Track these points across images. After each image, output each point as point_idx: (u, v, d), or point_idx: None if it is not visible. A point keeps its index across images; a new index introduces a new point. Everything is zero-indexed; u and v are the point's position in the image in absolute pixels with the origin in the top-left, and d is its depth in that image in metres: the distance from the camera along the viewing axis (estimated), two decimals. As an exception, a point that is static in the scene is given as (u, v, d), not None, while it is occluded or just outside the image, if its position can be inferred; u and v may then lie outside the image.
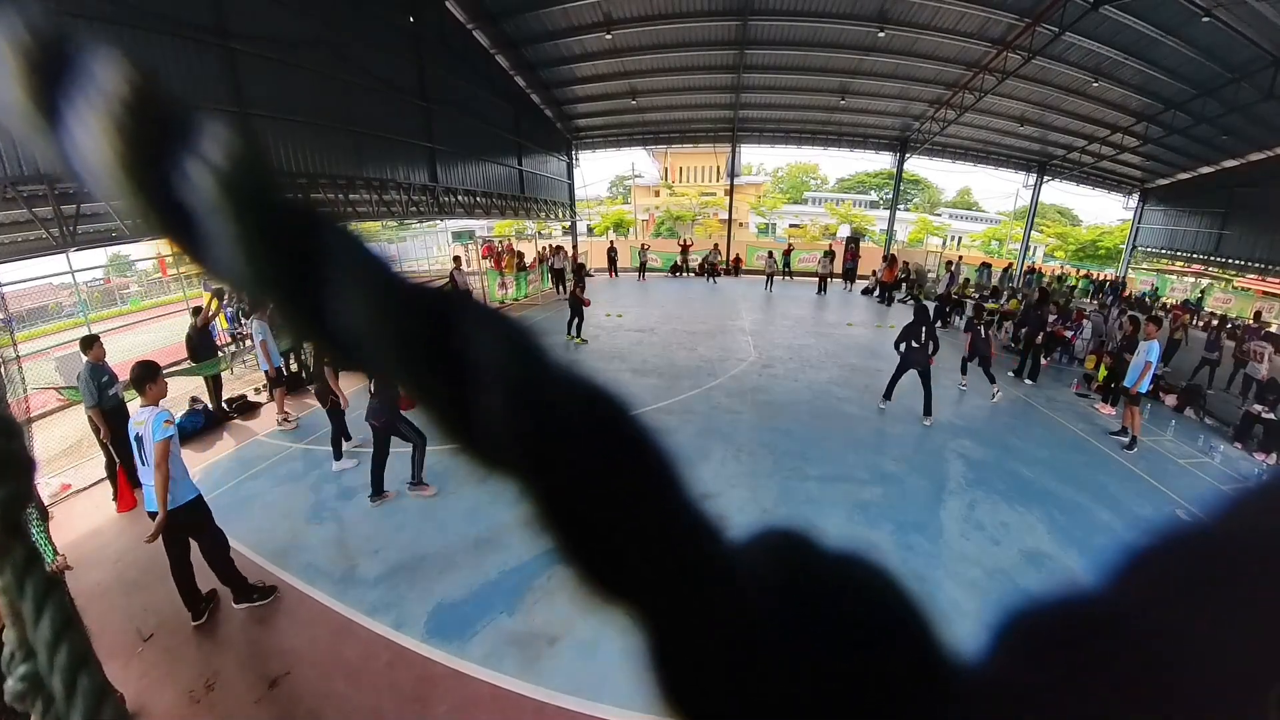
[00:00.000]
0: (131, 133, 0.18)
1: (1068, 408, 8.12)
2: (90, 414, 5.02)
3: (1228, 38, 10.91)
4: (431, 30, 12.44)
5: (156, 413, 3.25)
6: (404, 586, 3.80)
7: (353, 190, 10.82)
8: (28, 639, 0.24)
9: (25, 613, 0.23)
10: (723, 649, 0.17)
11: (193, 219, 0.18)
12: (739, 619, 0.17)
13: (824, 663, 0.17)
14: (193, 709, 2.93)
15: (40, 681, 0.25)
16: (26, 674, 0.28)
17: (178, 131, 0.18)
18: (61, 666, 0.24)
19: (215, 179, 0.17)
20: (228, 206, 0.17)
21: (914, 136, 20.24)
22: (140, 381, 3.29)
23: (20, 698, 0.29)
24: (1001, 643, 0.20)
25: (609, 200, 45.80)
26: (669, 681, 0.17)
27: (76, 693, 0.24)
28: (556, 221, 23.29)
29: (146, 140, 0.18)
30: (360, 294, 0.18)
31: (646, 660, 0.17)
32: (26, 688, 0.29)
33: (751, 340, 10.94)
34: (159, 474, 3.18)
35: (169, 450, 3.22)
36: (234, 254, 0.17)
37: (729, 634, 0.17)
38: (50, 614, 0.24)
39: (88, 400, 4.97)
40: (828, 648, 0.17)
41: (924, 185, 47.74)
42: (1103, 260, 35.01)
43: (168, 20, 7.29)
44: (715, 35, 14.65)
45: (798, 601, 0.18)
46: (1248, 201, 17.48)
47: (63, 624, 0.24)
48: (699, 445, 6.02)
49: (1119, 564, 0.20)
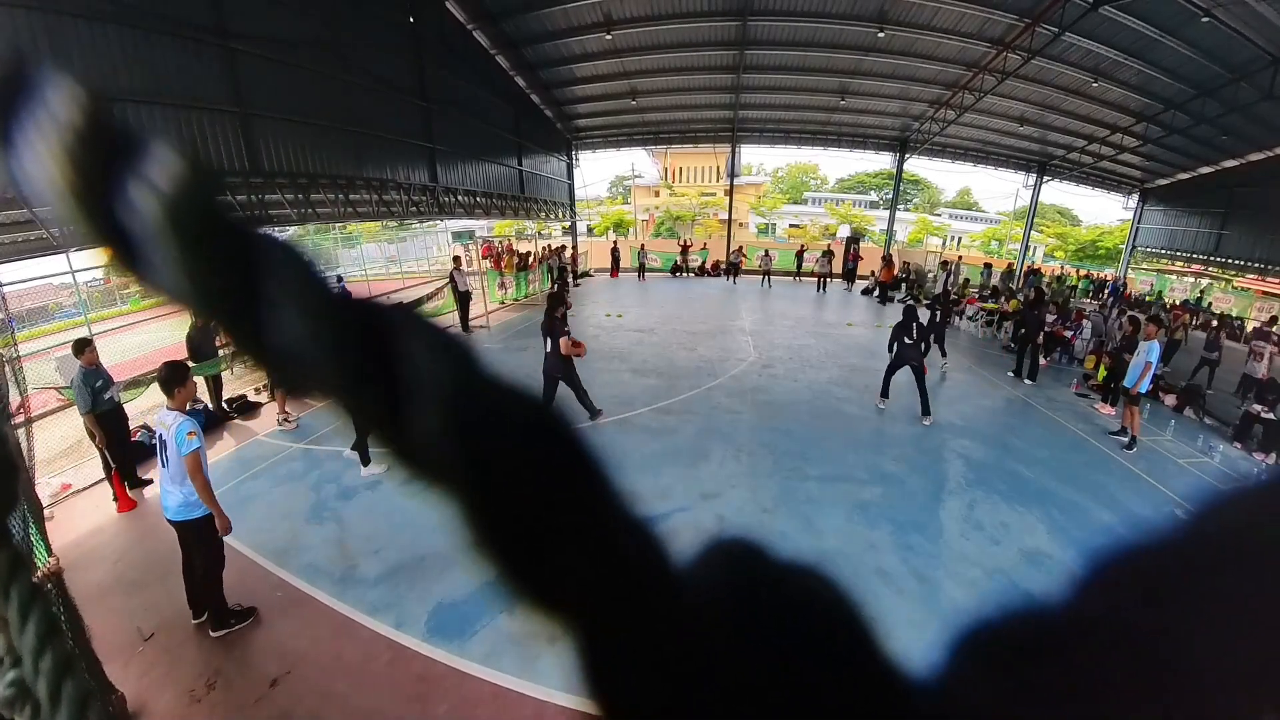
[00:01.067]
0: (75, 153, 0.18)
1: (1067, 408, 8.12)
2: (84, 420, 4.96)
3: (1227, 38, 10.91)
4: (431, 30, 12.44)
5: (180, 422, 3.16)
6: (404, 586, 3.80)
7: (353, 190, 10.81)
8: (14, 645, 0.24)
9: (10, 619, 0.23)
10: (661, 662, 0.17)
11: (131, 233, 0.18)
12: (680, 632, 0.17)
13: (767, 676, 0.17)
14: (193, 708, 2.93)
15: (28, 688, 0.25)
16: (14, 680, 0.28)
17: (120, 151, 0.18)
18: (46, 673, 0.24)
19: (154, 197, 0.17)
20: (165, 224, 0.17)
21: (914, 137, 20.24)
22: (168, 384, 3.20)
23: (8, 704, 0.29)
24: (956, 657, 0.20)
25: (609, 200, 45.81)
26: (603, 694, 0.17)
27: (62, 700, 0.24)
28: (556, 222, 23.30)
29: (88, 157, 0.18)
30: (295, 311, 0.18)
31: (581, 672, 0.17)
32: (14, 694, 0.29)
33: (751, 340, 10.94)
34: (198, 482, 3.16)
35: (200, 460, 3.17)
36: (170, 270, 0.17)
37: (669, 647, 0.17)
38: (35, 621, 0.24)
39: (82, 406, 4.91)
40: (772, 661, 0.17)
41: (924, 185, 47.74)
42: (1103, 260, 35.01)
43: (168, 20, 7.29)
44: (715, 35, 14.65)
45: (743, 614, 0.18)
46: (1247, 201, 17.47)
47: (47, 631, 0.24)
48: (699, 445, 6.02)
49: (1099, 563, 0.20)
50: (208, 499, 3.23)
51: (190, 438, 3.14)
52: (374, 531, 4.44)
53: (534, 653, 3.20)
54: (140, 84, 7.11)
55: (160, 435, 3.24)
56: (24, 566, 0.23)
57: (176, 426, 3.15)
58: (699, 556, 0.19)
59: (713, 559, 0.19)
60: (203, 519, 3.30)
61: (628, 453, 5.84)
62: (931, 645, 0.20)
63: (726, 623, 0.17)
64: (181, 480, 3.19)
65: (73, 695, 0.24)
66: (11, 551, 0.22)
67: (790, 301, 16.22)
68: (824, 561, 0.19)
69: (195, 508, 3.27)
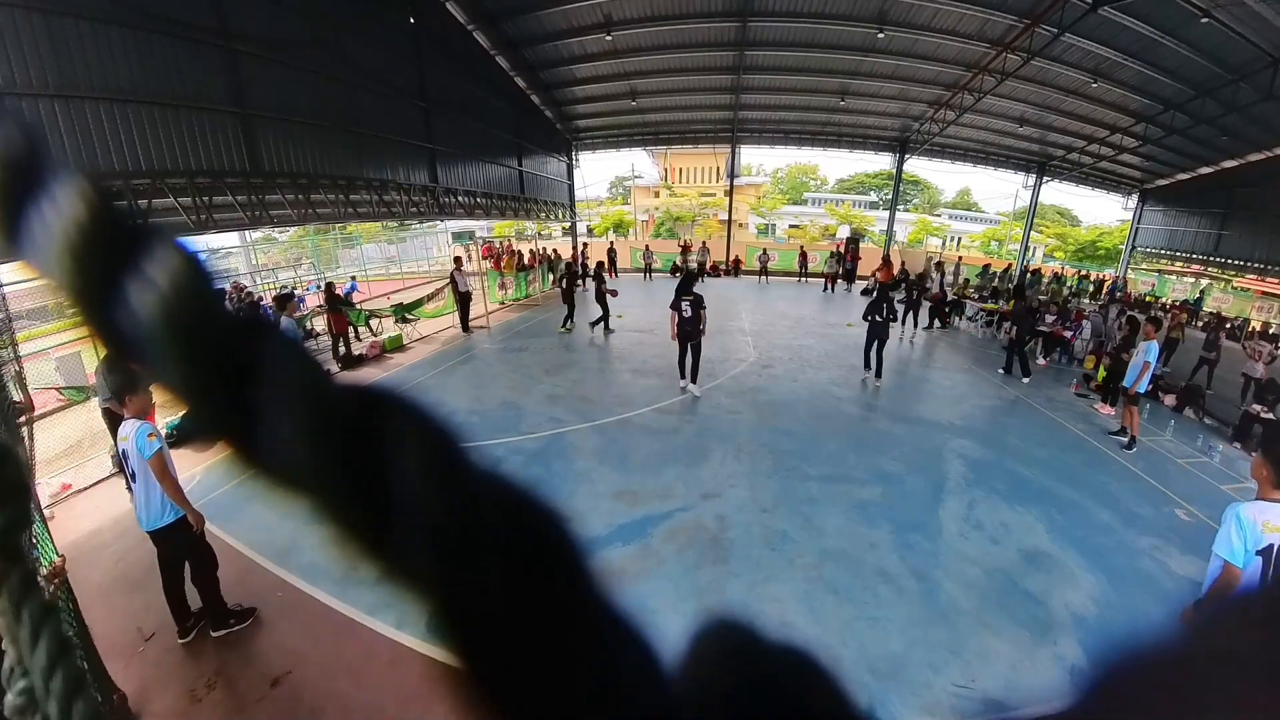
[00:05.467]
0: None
1: (1067, 408, 8.13)
2: (109, 408, 4.99)
3: (1227, 38, 10.92)
4: (431, 31, 12.44)
5: (138, 427, 3.07)
6: (404, 587, 3.79)
7: (353, 190, 10.81)
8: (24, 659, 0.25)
9: (21, 639, 0.24)
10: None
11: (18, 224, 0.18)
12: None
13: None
14: (194, 708, 2.93)
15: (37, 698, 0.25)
16: (25, 689, 0.28)
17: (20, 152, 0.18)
18: (57, 693, 0.24)
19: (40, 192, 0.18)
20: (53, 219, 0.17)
21: (913, 137, 20.24)
22: (119, 392, 3.07)
23: (19, 712, 0.30)
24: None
25: (609, 201, 45.81)
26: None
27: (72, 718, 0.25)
28: (556, 222, 23.29)
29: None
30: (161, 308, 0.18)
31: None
32: (25, 702, 0.29)
33: (751, 341, 10.94)
34: (167, 484, 3.09)
35: (165, 461, 3.09)
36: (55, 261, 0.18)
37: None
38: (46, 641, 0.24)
39: (101, 394, 4.98)
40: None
41: (923, 186, 47.75)
42: (1102, 261, 35.02)
43: (168, 20, 7.29)
44: (715, 36, 14.65)
45: (736, 704, 0.17)
46: (1247, 202, 17.49)
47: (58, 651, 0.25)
48: (699, 445, 6.03)
49: (1098, 675, 0.20)
50: (177, 498, 3.14)
51: (150, 439, 3.05)
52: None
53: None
54: (140, 84, 7.10)
55: (123, 450, 3.15)
56: (36, 587, 0.23)
57: (135, 432, 3.06)
58: (689, 650, 0.19)
59: (702, 651, 0.19)
60: (180, 520, 3.23)
61: (629, 452, 5.85)
62: (934, 645, 0.20)
63: (721, 711, 0.17)
64: (152, 487, 3.10)
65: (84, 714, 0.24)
66: (24, 571, 0.23)
67: (790, 302, 16.22)
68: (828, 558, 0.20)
69: (169, 510, 3.18)
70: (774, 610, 3.60)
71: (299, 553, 4.20)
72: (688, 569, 4.00)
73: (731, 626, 0.20)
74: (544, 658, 0.16)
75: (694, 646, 0.20)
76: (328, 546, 0.17)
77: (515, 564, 0.17)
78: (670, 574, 3.95)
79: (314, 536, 0.19)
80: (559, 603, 0.17)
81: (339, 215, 10.89)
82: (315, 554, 4.20)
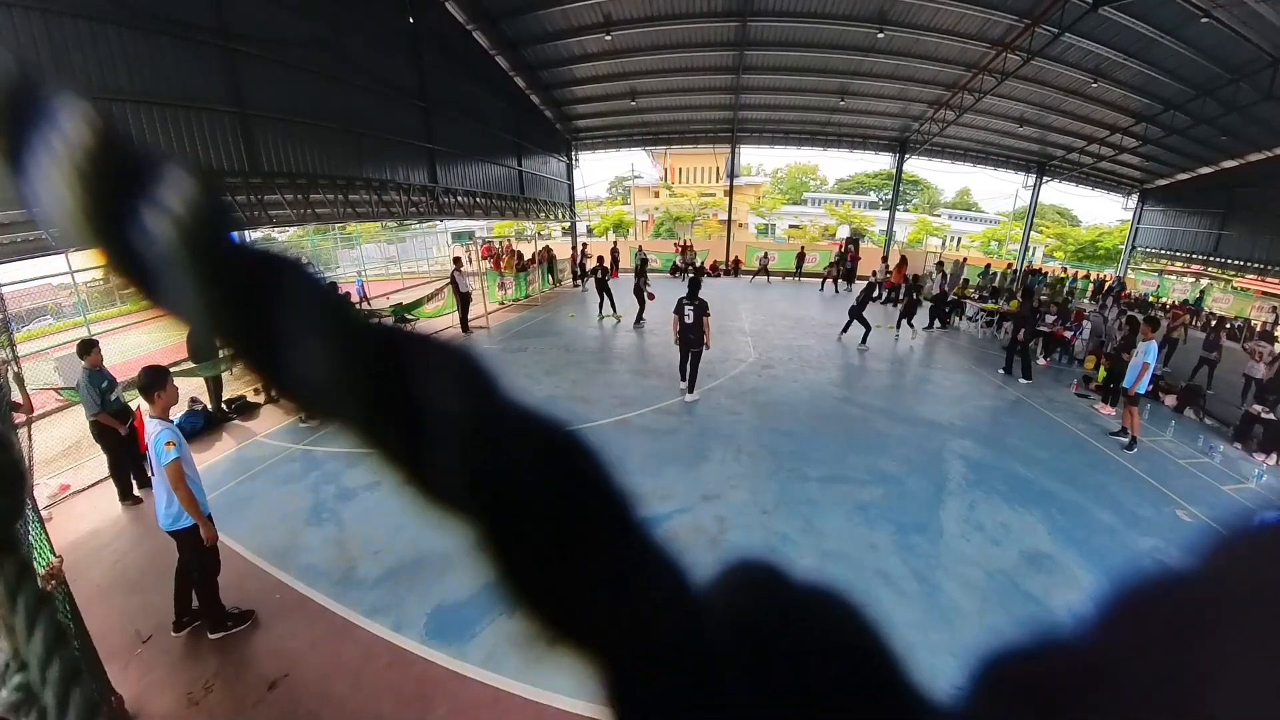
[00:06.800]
0: (78, 160, 0.18)
1: (1067, 408, 8.12)
2: (99, 420, 4.93)
3: (1227, 38, 10.93)
4: (431, 31, 12.44)
5: (159, 432, 3.08)
6: (403, 588, 3.79)
7: (352, 191, 10.81)
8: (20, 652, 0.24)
9: (17, 628, 0.23)
10: (683, 687, 0.17)
11: (131, 238, 0.18)
12: (701, 656, 0.17)
13: (787, 699, 0.17)
14: (191, 711, 2.92)
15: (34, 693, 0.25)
16: (21, 684, 0.28)
17: (122, 158, 0.19)
18: (54, 682, 0.24)
19: (161, 207, 0.18)
20: (171, 233, 0.18)
21: (913, 137, 20.26)
22: (148, 390, 3.08)
23: (15, 708, 0.29)
24: (978, 687, 0.19)
25: (609, 201, 45.81)
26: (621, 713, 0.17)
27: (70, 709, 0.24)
28: (556, 222, 23.30)
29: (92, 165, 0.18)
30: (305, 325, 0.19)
31: (602, 697, 0.17)
32: (21, 698, 0.28)
33: (751, 341, 10.94)
34: (180, 493, 3.10)
35: (180, 471, 3.10)
36: (173, 280, 0.18)
37: (690, 672, 0.17)
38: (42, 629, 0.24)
39: (90, 408, 4.88)
40: (793, 685, 0.17)
41: (923, 186, 47.76)
42: (1102, 261, 35.05)
43: (168, 20, 7.29)
44: (715, 36, 14.66)
45: (763, 638, 0.18)
46: (1247, 202, 17.50)
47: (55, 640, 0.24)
48: (699, 446, 6.02)
49: (1103, 609, 0.20)
50: (191, 509, 3.15)
51: (169, 448, 3.05)
52: (373, 533, 4.43)
53: (534, 656, 3.19)
54: (140, 84, 7.10)
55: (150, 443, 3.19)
56: (31, 575, 0.23)
57: (156, 436, 3.07)
58: (718, 578, 0.19)
59: (731, 581, 0.19)
60: (192, 528, 3.24)
61: (628, 453, 5.84)
62: (935, 647, 0.19)
63: (746, 644, 0.17)
64: (168, 489, 3.13)
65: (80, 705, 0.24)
66: (19, 559, 0.22)
67: (790, 302, 16.22)
68: (828, 559, 0.20)
69: (183, 517, 3.19)
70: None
71: (297, 554, 4.19)
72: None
73: (762, 565, 0.20)
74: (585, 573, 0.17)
75: (726, 578, 0.20)
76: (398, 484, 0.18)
77: (558, 488, 0.18)
78: (671, 574, 3.93)
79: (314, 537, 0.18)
80: (598, 523, 0.18)
81: (338, 215, 10.89)
82: (313, 555, 4.19)
